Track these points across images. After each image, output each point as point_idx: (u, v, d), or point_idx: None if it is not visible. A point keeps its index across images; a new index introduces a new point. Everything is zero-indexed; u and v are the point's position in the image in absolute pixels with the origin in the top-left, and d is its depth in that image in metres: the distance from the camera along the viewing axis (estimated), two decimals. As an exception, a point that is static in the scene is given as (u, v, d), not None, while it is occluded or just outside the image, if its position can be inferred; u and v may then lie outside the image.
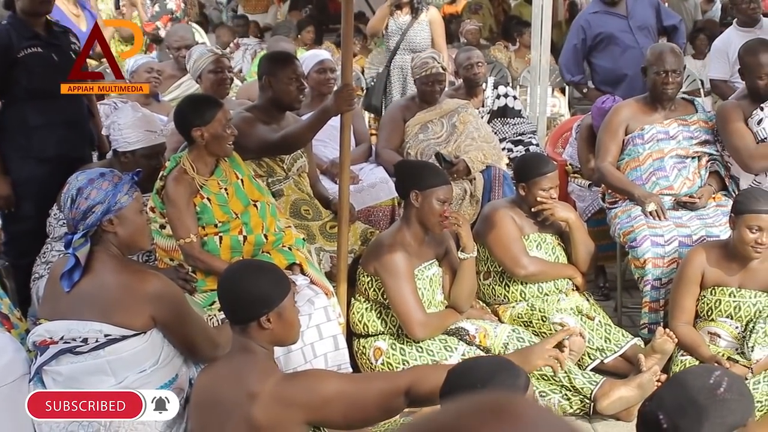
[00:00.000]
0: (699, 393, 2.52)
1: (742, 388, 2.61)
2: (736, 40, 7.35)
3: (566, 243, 5.52)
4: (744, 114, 5.66)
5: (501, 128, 7.16)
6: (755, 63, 5.62)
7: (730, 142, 5.67)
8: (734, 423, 2.54)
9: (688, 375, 2.65)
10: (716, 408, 2.51)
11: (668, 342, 4.83)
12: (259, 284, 3.32)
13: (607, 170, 5.81)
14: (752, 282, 4.90)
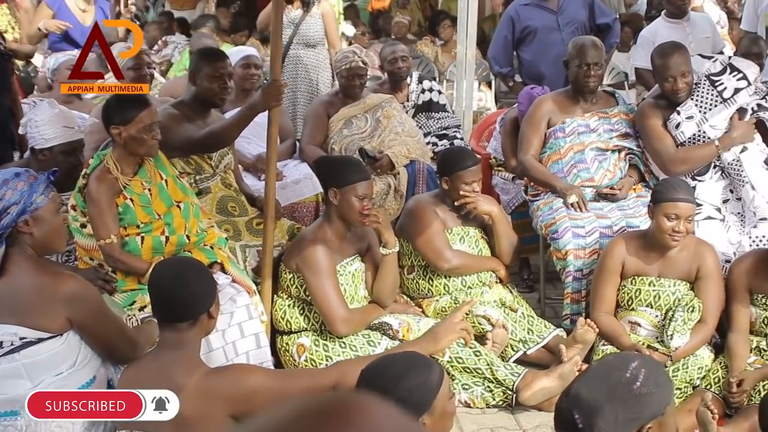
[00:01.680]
0: (615, 390, 2.50)
1: (659, 377, 2.60)
2: (663, 30, 7.46)
3: (489, 236, 5.55)
4: (662, 116, 5.73)
5: (426, 122, 7.17)
6: (662, 65, 5.67)
7: (650, 145, 5.75)
8: (651, 416, 2.54)
9: (604, 368, 2.62)
10: (633, 404, 2.50)
11: (589, 332, 4.88)
12: (199, 282, 3.37)
13: (530, 163, 5.87)
14: (671, 271, 4.97)
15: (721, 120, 5.62)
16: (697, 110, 5.63)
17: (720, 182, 5.60)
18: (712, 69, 5.75)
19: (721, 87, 5.66)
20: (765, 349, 4.88)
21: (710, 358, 4.95)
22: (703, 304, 4.89)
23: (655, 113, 5.76)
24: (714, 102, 5.63)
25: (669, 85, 5.63)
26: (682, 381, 4.76)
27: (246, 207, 5.60)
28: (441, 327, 3.86)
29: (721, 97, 5.63)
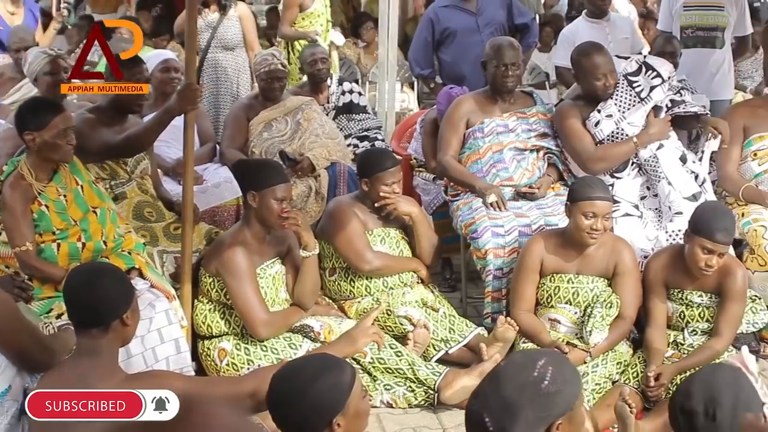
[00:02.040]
0: (523, 390, 2.50)
1: (566, 374, 2.61)
2: (583, 30, 7.56)
3: (410, 237, 5.57)
4: (581, 115, 5.79)
5: (346, 124, 7.17)
6: (590, 65, 5.73)
7: (569, 145, 5.81)
8: (561, 412, 2.55)
9: (511, 369, 2.61)
10: (542, 403, 2.50)
11: (509, 330, 4.92)
12: (114, 286, 3.33)
13: (449, 163, 5.90)
14: (589, 268, 5.03)
15: (638, 118, 5.71)
16: (616, 109, 5.71)
17: (637, 179, 5.67)
18: (628, 68, 5.85)
19: (639, 87, 5.77)
20: (682, 343, 4.95)
21: (629, 353, 5.02)
22: (621, 300, 4.95)
23: (573, 113, 5.83)
24: (632, 102, 5.73)
25: (600, 84, 5.72)
26: (602, 376, 4.81)
27: (163, 212, 5.55)
28: (355, 330, 3.86)
29: (639, 96, 5.73)
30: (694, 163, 5.73)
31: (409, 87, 10.50)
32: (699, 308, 4.96)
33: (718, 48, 7.35)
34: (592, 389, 4.74)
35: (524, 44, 7.82)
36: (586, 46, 5.93)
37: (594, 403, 4.68)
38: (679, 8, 7.54)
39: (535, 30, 8.15)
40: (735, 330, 4.93)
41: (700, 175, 5.66)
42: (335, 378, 2.82)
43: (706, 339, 4.91)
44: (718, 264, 4.78)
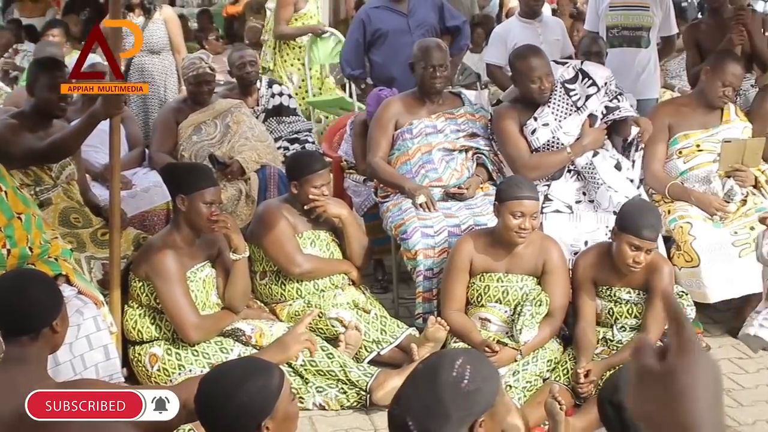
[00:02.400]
0: (443, 391, 2.52)
1: (484, 371, 2.64)
2: (515, 29, 7.65)
3: (340, 239, 5.57)
4: (519, 119, 5.81)
5: (276, 127, 7.16)
6: (526, 67, 5.73)
7: (505, 150, 5.85)
8: (482, 410, 2.58)
9: (430, 370, 2.63)
10: (463, 402, 2.52)
11: (440, 330, 4.94)
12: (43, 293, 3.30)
13: (378, 165, 5.91)
14: (518, 267, 5.07)
15: (573, 126, 5.74)
16: (553, 117, 5.74)
17: (574, 183, 5.72)
18: (566, 75, 5.89)
19: (575, 96, 5.81)
20: (611, 340, 5.01)
21: (559, 350, 5.06)
22: (550, 298, 4.99)
23: (510, 115, 5.85)
24: (568, 110, 5.77)
25: (536, 87, 5.71)
26: (532, 374, 4.85)
27: (90, 218, 5.50)
28: (287, 337, 3.85)
29: (575, 105, 5.79)
30: (628, 170, 5.80)
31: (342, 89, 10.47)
32: (627, 305, 5.02)
33: (643, 47, 7.44)
34: (523, 387, 4.78)
35: (456, 47, 7.88)
36: (523, 49, 5.94)
37: (525, 401, 4.71)
38: (605, 8, 7.63)
39: (466, 33, 8.18)
40: (663, 326, 4.97)
41: (635, 181, 5.77)
42: (263, 381, 2.81)
43: (635, 335, 4.97)
44: (646, 261, 4.84)
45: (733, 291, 5.57)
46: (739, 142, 5.80)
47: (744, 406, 5.03)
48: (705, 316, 5.91)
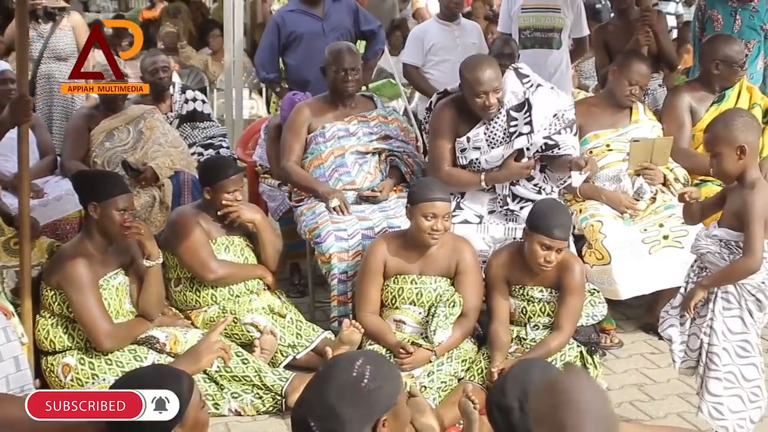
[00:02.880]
0: (345, 391, 2.54)
1: (385, 370, 2.67)
2: (433, 30, 7.77)
3: (255, 244, 5.56)
4: (455, 126, 5.68)
5: (191, 132, 7.11)
6: (473, 79, 5.48)
7: (430, 144, 5.84)
8: (384, 408, 2.60)
9: (331, 372, 2.65)
10: (365, 402, 2.55)
11: (355, 333, 4.95)
12: None
13: (292, 169, 5.92)
14: (432, 268, 5.10)
15: (497, 157, 5.61)
16: (486, 143, 5.61)
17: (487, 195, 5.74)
18: (513, 101, 5.64)
19: (513, 128, 5.59)
20: (525, 338, 5.06)
21: (473, 350, 5.10)
22: (464, 298, 5.04)
23: (450, 118, 5.69)
24: (502, 140, 5.61)
25: (480, 102, 5.49)
26: (447, 374, 4.87)
27: (2, 227, 5.41)
28: (201, 346, 3.84)
29: (509, 137, 5.60)
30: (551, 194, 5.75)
31: (258, 93, 10.47)
32: (540, 303, 5.07)
33: (555, 49, 7.55)
34: (438, 387, 4.80)
35: (371, 51, 7.92)
36: (474, 59, 5.68)
37: (440, 402, 4.74)
38: (518, 10, 7.72)
39: (381, 37, 8.20)
40: (575, 323, 5.05)
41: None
42: (172, 388, 2.79)
43: (548, 333, 5.03)
44: (557, 260, 4.90)
45: (644, 287, 5.65)
46: (647, 141, 5.88)
47: (656, 400, 5.14)
48: (617, 313, 6.02)
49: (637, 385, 5.34)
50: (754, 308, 4.21)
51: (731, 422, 4.23)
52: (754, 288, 4.17)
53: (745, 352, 4.22)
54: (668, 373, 5.19)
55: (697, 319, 4.29)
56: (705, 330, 4.25)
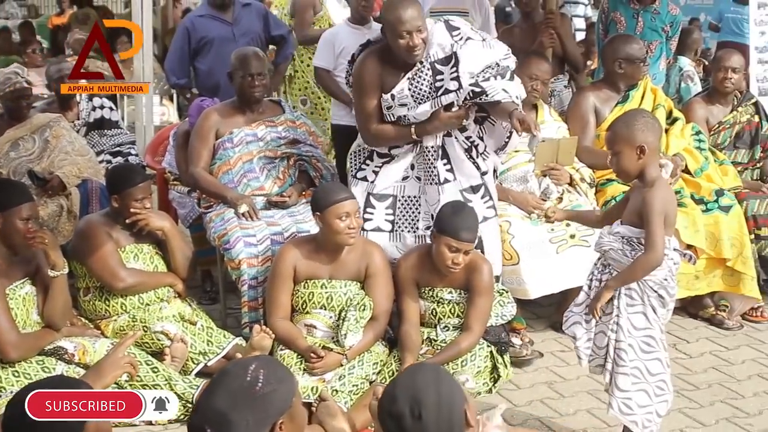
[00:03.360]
0: (239, 396, 2.55)
1: (279, 373, 2.69)
2: (343, 34, 7.68)
3: (164, 251, 5.52)
4: (380, 78, 5.39)
5: (98, 140, 7.03)
6: (394, 19, 5.16)
7: (356, 102, 5.56)
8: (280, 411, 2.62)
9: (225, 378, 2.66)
10: (259, 405, 2.56)
11: (265, 338, 4.95)
12: None
13: (200, 175, 5.90)
14: (341, 272, 5.13)
15: (424, 111, 5.34)
16: (411, 99, 5.32)
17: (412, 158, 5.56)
18: (439, 54, 5.31)
19: (439, 82, 5.30)
20: (435, 339, 5.11)
21: (385, 352, 5.14)
22: (374, 302, 5.07)
23: (374, 71, 5.41)
24: (427, 95, 5.31)
25: (404, 42, 5.16)
26: (359, 377, 4.89)
27: None
28: (106, 362, 3.81)
29: (436, 92, 5.30)
30: (482, 156, 5.55)
31: (169, 99, 10.39)
32: (449, 305, 5.13)
33: (463, 51, 7.58)
34: (350, 391, 4.81)
35: (282, 56, 7.95)
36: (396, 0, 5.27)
37: (352, 405, 4.76)
38: (427, 13, 7.75)
39: (291, 42, 8.23)
40: (484, 323, 5.12)
41: (488, 172, 5.57)
42: None
43: (458, 334, 5.08)
44: (465, 261, 4.96)
45: (553, 286, 5.74)
46: (552, 141, 5.96)
47: (566, 397, 5.21)
48: (527, 312, 6.08)
49: (547, 383, 5.40)
50: (657, 304, 4.29)
51: (640, 417, 4.31)
52: (656, 284, 4.26)
53: (649, 348, 4.30)
54: (578, 371, 5.25)
55: (603, 317, 4.36)
56: (612, 327, 4.32)
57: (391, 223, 5.56)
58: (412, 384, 2.84)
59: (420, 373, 2.94)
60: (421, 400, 2.76)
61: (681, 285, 5.71)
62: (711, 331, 6.26)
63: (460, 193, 5.41)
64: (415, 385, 2.82)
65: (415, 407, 2.75)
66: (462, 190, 5.43)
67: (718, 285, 6.33)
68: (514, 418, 4.94)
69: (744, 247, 6.21)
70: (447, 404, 2.80)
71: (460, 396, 2.89)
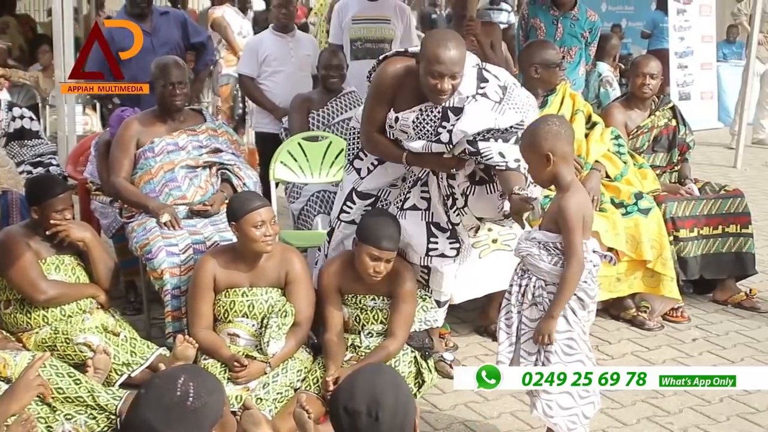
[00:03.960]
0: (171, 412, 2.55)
1: (208, 384, 2.68)
2: (267, 41, 7.85)
3: (86, 262, 5.48)
4: (394, 100, 5.06)
5: (19, 151, 6.96)
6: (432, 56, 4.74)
7: (364, 111, 5.28)
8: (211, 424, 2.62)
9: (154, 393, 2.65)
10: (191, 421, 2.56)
11: (189, 348, 4.93)
12: None
13: (121, 185, 5.87)
14: (262, 279, 5.12)
15: (418, 147, 5.04)
16: (413, 131, 5.05)
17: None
18: (455, 102, 4.93)
19: (441, 129, 4.96)
20: (359, 346, 5.13)
21: (309, 359, 5.13)
22: (296, 308, 5.06)
23: (388, 84, 5.08)
24: (428, 134, 5.02)
25: (433, 83, 4.77)
26: (283, 385, 4.88)
27: None
28: (19, 384, 3.78)
29: (436, 136, 4.98)
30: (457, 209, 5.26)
31: (92, 109, 10.31)
32: (373, 311, 5.15)
33: (386, 60, 7.61)
34: (274, 399, 4.81)
35: (202, 62, 7.92)
36: (441, 33, 4.96)
37: (276, 413, 4.75)
38: (349, 21, 7.83)
39: (211, 48, 8.22)
40: (408, 329, 5.15)
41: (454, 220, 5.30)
42: None
43: (382, 340, 5.10)
44: (387, 269, 4.99)
45: (476, 291, 5.79)
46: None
47: (490, 401, 5.25)
48: (452, 317, 6.12)
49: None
50: (577, 306, 4.35)
51: (562, 419, 4.36)
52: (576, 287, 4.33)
53: (571, 350, 4.35)
54: (502, 374, 5.30)
55: (530, 323, 4.41)
56: None
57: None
58: (372, 384, 2.87)
59: (381, 374, 2.97)
60: (380, 401, 2.80)
61: (602, 287, 5.81)
62: (632, 332, 6.37)
63: (427, 225, 5.27)
64: (375, 386, 2.85)
65: (373, 408, 2.78)
66: (430, 222, 5.27)
67: (639, 287, 6.44)
68: (439, 422, 4.98)
69: (663, 249, 6.33)
70: (403, 410, 2.84)
71: (414, 405, 2.94)
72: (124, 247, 6.11)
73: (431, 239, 5.27)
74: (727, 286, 6.92)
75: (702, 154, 12.65)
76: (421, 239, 5.26)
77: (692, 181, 7.10)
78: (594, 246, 4.41)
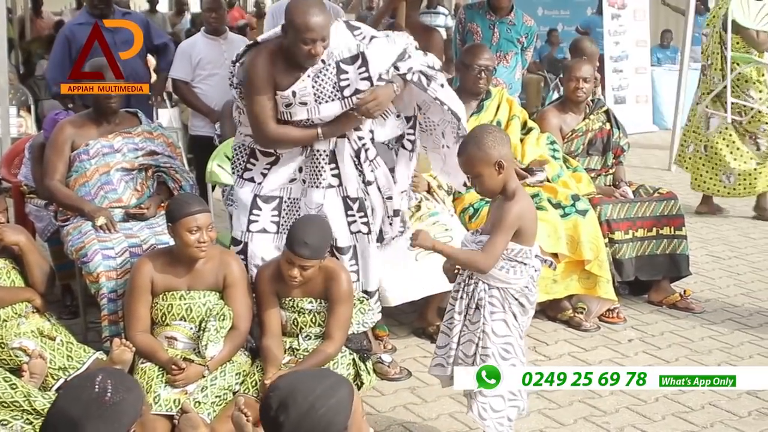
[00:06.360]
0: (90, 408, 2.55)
1: (126, 382, 2.71)
2: (200, 45, 7.92)
3: (21, 266, 5.41)
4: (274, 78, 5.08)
5: (-49, 156, 6.90)
6: (301, 24, 4.85)
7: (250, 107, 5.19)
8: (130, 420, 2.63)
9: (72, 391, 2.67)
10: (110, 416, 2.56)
11: (126, 352, 4.88)
12: None
13: (56, 188, 5.83)
14: (200, 283, 5.09)
15: (332, 112, 5.16)
16: (313, 98, 5.09)
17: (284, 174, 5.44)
18: (344, 54, 5.10)
19: (345, 81, 5.10)
20: (297, 349, 5.11)
21: (247, 362, 5.12)
22: (234, 311, 5.05)
23: (266, 70, 5.09)
24: (332, 95, 5.11)
25: (306, 49, 4.88)
26: (221, 388, 4.85)
27: None
28: None
29: (341, 92, 5.11)
30: (369, 161, 5.37)
31: (27, 111, 10.21)
32: (310, 314, 5.14)
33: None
34: (212, 402, 4.77)
35: (164, 63, 7.97)
36: (304, 3, 4.95)
37: (215, 416, 4.73)
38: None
39: (172, 49, 8.21)
40: (345, 331, 5.14)
41: (367, 177, 5.38)
42: None
43: (320, 342, 5.10)
44: (304, 277, 4.97)
45: (413, 293, 5.83)
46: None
47: (428, 402, 5.29)
48: (390, 319, 6.17)
49: (409, 389, 5.48)
50: (518, 311, 4.41)
51: (492, 421, 4.43)
52: (517, 292, 4.38)
53: (507, 354, 4.41)
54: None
55: (470, 326, 4.45)
56: (479, 335, 4.41)
57: (277, 224, 5.46)
58: (292, 389, 2.92)
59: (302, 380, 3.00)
60: (288, 405, 2.83)
61: (540, 289, 5.81)
62: (569, 333, 6.44)
63: (342, 200, 5.39)
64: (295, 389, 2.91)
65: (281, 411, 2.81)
66: (345, 197, 5.39)
67: (576, 288, 6.51)
68: (378, 424, 5.00)
69: (599, 251, 6.41)
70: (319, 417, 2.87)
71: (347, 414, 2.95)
72: (59, 250, 6.05)
73: (348, 212, 5.36)
74: (661, 287, 7.03)
75: (638, 156, 12.81)
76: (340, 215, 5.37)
77: (627, 183, 7.20)
78: (536, 251, 4.47)
